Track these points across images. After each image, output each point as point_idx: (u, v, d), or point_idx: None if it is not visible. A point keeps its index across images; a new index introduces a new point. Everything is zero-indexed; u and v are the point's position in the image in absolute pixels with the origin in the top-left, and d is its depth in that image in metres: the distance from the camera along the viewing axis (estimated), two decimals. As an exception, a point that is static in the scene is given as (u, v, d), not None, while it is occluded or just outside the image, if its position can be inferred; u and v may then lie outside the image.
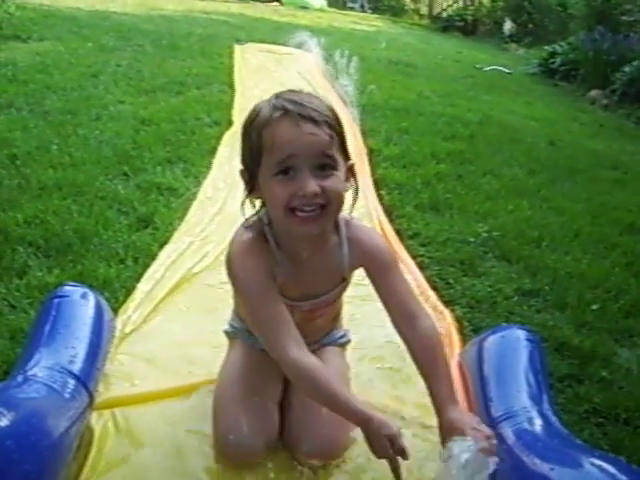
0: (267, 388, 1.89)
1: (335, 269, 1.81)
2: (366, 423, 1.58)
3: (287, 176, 1.58)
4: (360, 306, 2.45)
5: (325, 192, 1.58)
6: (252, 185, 1.67)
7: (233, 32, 9.75)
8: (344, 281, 1.85)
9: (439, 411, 1.64)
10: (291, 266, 1.74)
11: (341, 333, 2.09)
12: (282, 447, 1.84)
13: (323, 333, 2.03)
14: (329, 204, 1.61)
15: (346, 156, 1.68)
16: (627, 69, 8.41)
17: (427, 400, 1.71)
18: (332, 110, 1.66)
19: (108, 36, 7.85)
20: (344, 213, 1.76)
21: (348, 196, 1.72)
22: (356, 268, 1.83)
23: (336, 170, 1.62)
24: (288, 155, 1.57)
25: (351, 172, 1.71)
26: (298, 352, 1.64)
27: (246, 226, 1.74)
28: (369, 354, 2.32)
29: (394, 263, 1.83)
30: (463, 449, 1.49)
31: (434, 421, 1.68)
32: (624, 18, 10.30)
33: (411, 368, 1.80)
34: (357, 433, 1.69)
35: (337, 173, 1.62)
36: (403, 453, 1.56)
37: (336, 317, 2.05)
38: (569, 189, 4.57)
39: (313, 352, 1.84)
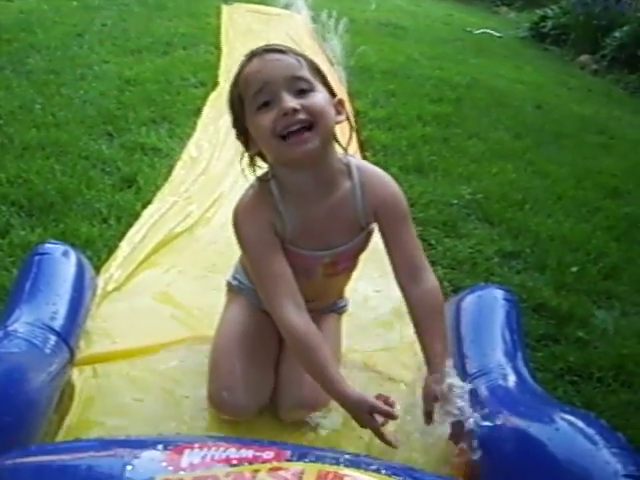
0: (265, 349, 1.91)
1: (351, 216, 1.77)
2: (342, 401, 1.62)
3: (268, 107, 1.61)
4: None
5: (305, 108, 1.60)
6: (247, 140, 1.71)
7: (221, -8, 9.60)
8: (362, 230, 1.81)
9: (430, 371, 1.66)
10: (301, 214, 1.73)
11: (343, 302, 2.11)
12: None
13: (336, 298, 2.04)
14: (315, 121, 1.61)
15: (330, 92, 1.70)
16: (617, 34, 8.35)
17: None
18: (304, 55, 1.71)
19: (93, -6, 7.72)
20: (346, 156, 1.77)
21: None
22: (372, 217, 1.79)
23: (313, 91, 1.64)
24: (262, 84, 1.61)
25: (341, 106, 1.72)
26: (296, 314, 1.65)
27: (252, 185, 1.77)
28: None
29: (407, 215, 1.81)
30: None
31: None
32: (616, -18, 10.21)
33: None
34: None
35: (317, 93, 1.64)
36: (390, 416, 1.59)
37: (346, 284, 2.05)
38: (554, 153, 4.57)
39: (315, 317, 1.86)
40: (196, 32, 6.66)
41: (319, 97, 1.64)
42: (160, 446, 1.22)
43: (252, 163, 1.75)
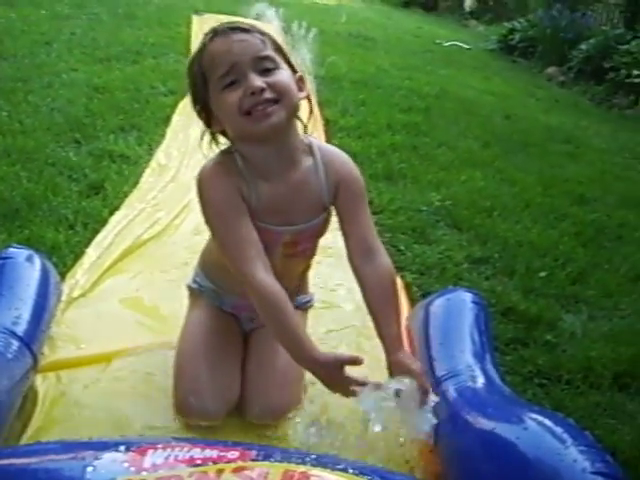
0: (230, 351, 1.89)
1: (315, 194, 1.77)
2: (313, 361, 1.60)
3: (234, 86, 1.62)
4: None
5: (271, 86, 1.62)
6: (208, 118, 1.71)
7: (191, 2, 9.51)
8: (325, 210, 1.80)
9: (388, 351, 1.66)
10: (265, 187, 1.72)
11: (307, 298, 2.08)
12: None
13: (294, 288, 1.96)
14: (281, 98, 1.63)
15: (292, 69, 1.71)
16: (584, 47, 8.52)
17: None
18: (262, 28, 1.72)
19: (62, 3, 7.67)
20: (307, 136, 1.79)
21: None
22: (333, 196, 1.79)
23: (279, 69, 1.66)
24: (228, 66, 1.61)
25: (302, 82, 1.74)
26: (265, 273, 1.63)
27: (215, 156, 1.75)
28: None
29: (365, 195, 1.83)
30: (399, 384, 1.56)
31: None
32: (582, -4, 10.40)
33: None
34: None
35: (281, 71, 1.66)
36: (355, 362, 1.58)
37: (304, 273, 2.02)
38: (522, 161, 4.63)
39: None
40: (166, 41, 6.66)
41: (284, 75, 1.65)
42: (122, 447, 1.20)
43: (214, 140, 1.75)
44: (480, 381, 1.79)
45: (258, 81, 1.60)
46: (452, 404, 1.71)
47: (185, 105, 4.50)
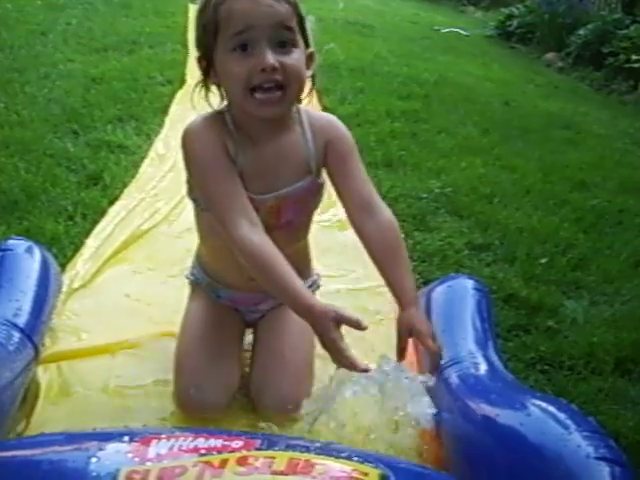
0: (229, 343, 1.87)
1: (300, 157, 1.72)
2: (308, 313, 1.52)
3: (245, 52, 1.54)
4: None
5: (284, 68, 1.55)
6: (208, 68, 1.64)
7: (187, -9, 9.54)
8: (310, 174, 1.74)
9: (402, 305, 1.61)
10: (251, 151, 1.67)
11: (309, 282, 1.98)
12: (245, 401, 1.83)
13: None
14: (288, 85, 1.57)
15: (306, 43, 1.64)
16: (582, 32, 8.47)
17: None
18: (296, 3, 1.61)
19: (58, -7, 7.62)
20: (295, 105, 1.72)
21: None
22: (321, 160, 1.74)
23: (296, 47, 1.58)
24: (245, 26, 1.52)
25: (311, 59, 1.67)
26: (249, 229, 1.58)
27: (205, 113, 1.70)
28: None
29: (355, 150, 1.77)
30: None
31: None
32: (580, -19, 10.35)
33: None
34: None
35: (297, 51, 1.58)
36: (358, 325, 1.50)
37: (304, 256, 1.96)
38: (522, 148, 4.60)
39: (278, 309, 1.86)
40: (162, 31, 6.62)
41: (298, 57, 1.58)
42: (126, 438, 1.19)
43: (207, 89, 1.68)
44: (483, 368, 1.78)
45: (271, 58, 1.52)
46: (455, 391, 1.71)
47: (183, 95, 4.50)
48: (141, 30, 6.47)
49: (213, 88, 1.70)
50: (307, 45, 1.65)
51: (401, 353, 1.61)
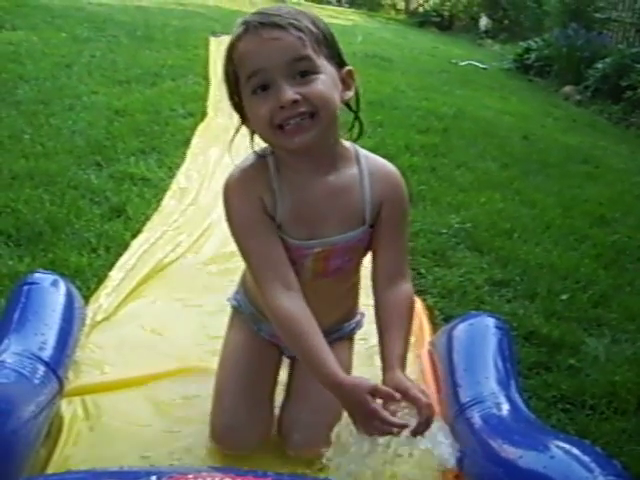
0: (267, 382, 1.86)
1: (355, 205, 1.64)
2: (336, 388, 1.48)
3: (265, 92, 1.48)
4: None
5: (306, 98, 1.46)
6: (242, 115, 1.58)
7: (208, 24, 9.68)
8: (363, 224, 1.66)
9: (387, 369, 1.55)
10: (295, 195, 1.60)
11: (352, 325, 1.95)
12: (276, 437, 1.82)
13: (334, 319, 1.86)
14: (317, 110, 1.48)
15: (340, 62, 1.56)
16: (600, 66, 8.49)
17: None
18: (306, 14, 1.53)
19: (82, 27, 7.76)
20: (351, 143, 1.66)
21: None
22: (377, 211, 1.65)
23: (318, 73, 1.48)
24: (256, 69, 1.46)
25: (350, 78, 1.58)
26: (282, 294, 1.54)
27: (247, 158, 1.65)
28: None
29: (407, 216, 1.73)
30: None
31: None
32: (597, 15, 10.40)
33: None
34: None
35: (320, 76, 1.48)
36: (393, 398, 1.44)
37: (349, 304, 1.91)
38: (541, 182, 4.61)
39: None
40: (184, 63, 6.72)
41: (322, 81, 1.48)
42: (154, 477, 1.20)
43: (251, 137, 1.62)
44: (505, 408, 1.77)
45: (290, 93, 1.44)
46: (478, 431, 1.70)
47: (204, 128, 4.56)
48: (163, 63, 6.57)
49: None
50: (341, 63, 1.57)
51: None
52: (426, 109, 6.22)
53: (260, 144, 1.65)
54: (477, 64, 10.28)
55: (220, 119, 4.74)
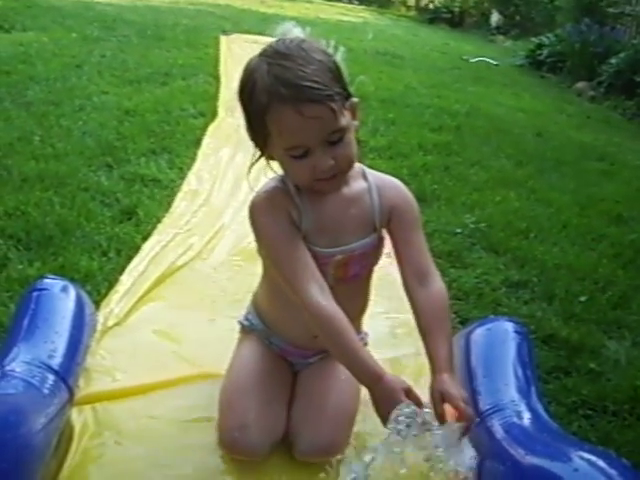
0: (278, 389, 1.86)
1: (366, 213, 1.77)
2: (376, 382, 1.55)
3: (303, 158, 1.59)
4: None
5: (339, 162, 1.61)
6: (262, 150, 1.68)
7: (219, 23, 9.66)
8: (375, 231, 1.79)
9: (435, 372, 1.60)
10: (315, 208, 1.72)
11: (360, 336, 1.99)
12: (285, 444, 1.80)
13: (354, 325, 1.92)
14: (346, 170, 1.66)
15: (348, 96, 1.63)
16: (613, 61, 8.41)
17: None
18: (321, 60, 1.57)
19: (92, 26, 7.73)
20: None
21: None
22: (386, 219, 1.78)
23: (345, 134, 1.60)
24: (297, 144, 1.57)
25: (356, 108, 1.67)
26: (321, 296, 1.62)
27: (268, 181, 1.76)
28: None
29: (419, 220, 1.81)
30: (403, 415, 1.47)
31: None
32: (610, 10, 10.29)
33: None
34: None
35: (346, 138, 1.61)
36: (420, 404, 1.51)
37: (363, 308, 1.98)
38: (556, 180, 4.55)
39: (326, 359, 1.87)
40: (195, 62, 6.68)
41: (349, 144, 1.62)
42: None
43: (268, 164, 1.72)
44: (527, 416, 1.73)
45: (327, 161, 1.59)
46: (498, 440, 1.66)
47: (215, 128, 4.52)
48: (174, 62, 6.53)
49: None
50: (348, 96, 1.64)
51: (439, 419, 1.55)
52: (438, 107, 6.16)
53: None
54: (489, 60, 10.20)
55: (231, 119, 4.70)
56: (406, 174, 4.07)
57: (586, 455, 1.50)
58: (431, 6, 17.55)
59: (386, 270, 2.22)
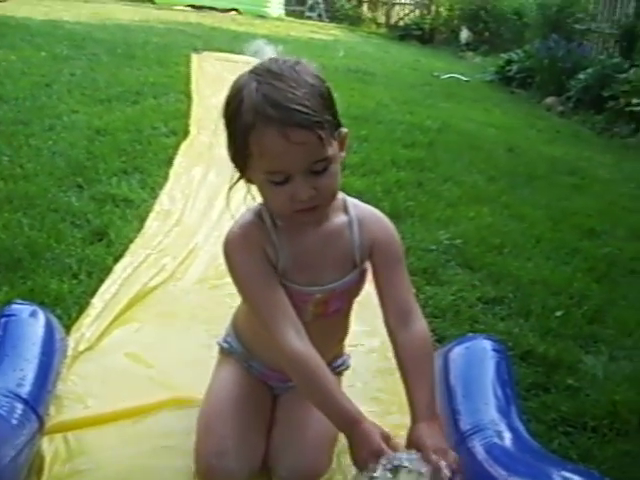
0: (257, 414, 1.81)
1: (346, 250, 1.70)
2: (352, 426, 1.48)
3: (282, 185, 1.50)
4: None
5: (320, 192, 1.51)
6: (242, 172, 1.58)
7: (190, 41, 9.64)
8: (355, 268, 1.71)
9: (414, 420, 1.54)
10: (293, 245, 1.64)
11: (340, 362, 1.97)
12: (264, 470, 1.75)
13: (334, 354, 1.92)
14: (327, 202, 1.58)
15: (338, 125, 1.55)
16: (581, 76, 8.53)
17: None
18: (313, 84, 1.49)
19: (62, 45, 7.69)
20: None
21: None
22: (367, 254, 1.71)
23: (330, 164, 1.52)
24: (279, 169, 1.48)
25: (345, 139, 1.59)
26: (298, 340, 1.55)
27: (243, 214, 1.67)
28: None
29: (402, 256, 1.74)
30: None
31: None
32: (577, 26, 10.48)
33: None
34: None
35: (331, 168, 1.52)
36: (394, 445, 1.44)
37: (343, 337, 1.93)
38: (529, 195, 4.58)
39: None
40: (166, 81, 6.66)
41: (333, 174, 1.53)
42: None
43: (248, 189, 1.64)
44: (508, 436, 1.71)
45: (307, 190, 1.49)
46: (480, 462, 1.64)
47: (187, 146, 4.49)
48: (145, 80, 6.50)
49: None
50: (338, 126, 1.56)
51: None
52: (410, 123, 6.19)
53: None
54: (459, 77, 10.30)
55: (203, 137, 4.67)
56: (379, 191, 4.08)
57: (569, 475, 1.49)
58: (401, 23, 17.74)
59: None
